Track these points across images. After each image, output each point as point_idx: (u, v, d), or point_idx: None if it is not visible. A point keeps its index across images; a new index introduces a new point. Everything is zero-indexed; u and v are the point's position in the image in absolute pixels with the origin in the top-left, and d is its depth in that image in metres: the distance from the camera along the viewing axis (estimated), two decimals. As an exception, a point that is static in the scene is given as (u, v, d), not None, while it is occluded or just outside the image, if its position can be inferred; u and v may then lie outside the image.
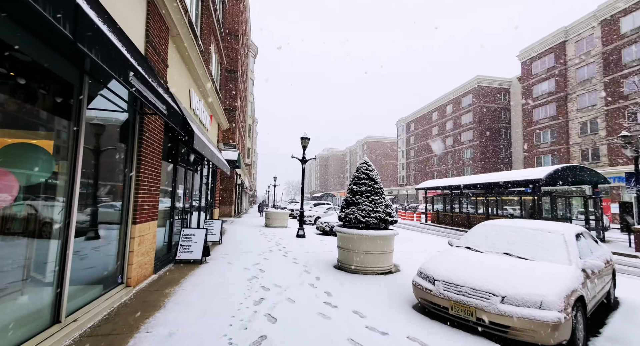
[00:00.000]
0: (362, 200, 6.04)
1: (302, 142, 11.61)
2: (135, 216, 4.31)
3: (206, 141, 7.27)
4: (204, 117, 8.82)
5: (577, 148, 29.96)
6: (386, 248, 5.79)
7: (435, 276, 3.67)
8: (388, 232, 5.76)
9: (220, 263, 6.18)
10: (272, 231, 13.05)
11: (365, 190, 6.13)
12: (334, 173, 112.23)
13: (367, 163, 6.48)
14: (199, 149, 5.92)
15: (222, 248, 8.05)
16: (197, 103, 8.01)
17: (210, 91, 9.15)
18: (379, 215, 5.88)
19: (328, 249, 8.71)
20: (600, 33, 28.07)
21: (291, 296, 4.20)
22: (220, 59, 12.27)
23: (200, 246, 6.15)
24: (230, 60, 20.54)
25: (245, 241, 9.69)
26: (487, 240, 4.39)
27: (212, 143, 10.29)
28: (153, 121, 4.84)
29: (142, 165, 4.42)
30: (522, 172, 14.94)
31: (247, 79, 32.87)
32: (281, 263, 6.55)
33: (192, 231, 6.27)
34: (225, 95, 20.24)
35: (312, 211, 20.22)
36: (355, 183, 6.33)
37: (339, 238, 6.18)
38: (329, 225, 13.21)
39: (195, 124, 6.81)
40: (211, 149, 7.39)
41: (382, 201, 6.07)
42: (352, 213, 5.97)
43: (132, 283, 4.25)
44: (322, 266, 6.34)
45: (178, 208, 6.96)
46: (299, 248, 8.76)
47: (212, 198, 11.84)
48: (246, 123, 33.00)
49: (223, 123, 12.81)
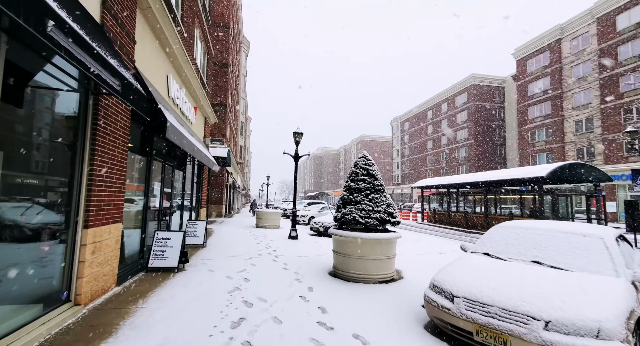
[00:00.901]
0: (360, 198, 5.35)
1: (295, 137, 10.88)
2: (87, 218, 3.54)
3: (187, 133, 6.51)
4: (186, 108, 8.03)
5: (572, 147, 29.83)
6: (388, 253, 5.12)
7: (454, 292, 3.00)
8: (390, 235, 5.08)
9: (199, 271, 5.43)
10: (263, 232, 12.30)
11: (364, 187, 5.44)
12: (328, 173, 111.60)
13: (366, 157, 5.79)
14: (176, 141, 5.16)
15: (206, 253, 7.29)
16: (178, 91, 7.22)
17: (194, 80, 8.35)
18: (380, 216, 5.20)
19: (322, 252, 8.02)
20: (595, 30, 27.91)
21: (278, 315, 3.48)
22: (207, 48, 11.45)
23: (176, 251, 5.39)
24: (221, 54, 19.66)
25: (233, 243, 8.93)
26: (509, 245, 3.73)
27: (197, 137, 9.50)
28: (115, 105, 4.07)
29: (97, 156, 3.65)
30: (523, 170, 14.45)
31: (239, 74, 31.95)
32: (270, 269, 5.82)
33: (168, 234, 5.50)
34: (215, 89, 19.38)
35: (306, 210, 19.50)
36: (353, 179, 5.63)
37: (335, 242, 5.48)
38: (324, 226, 12.51)
39: (172, 113, 6.04)
40: (193, 143, 6.63)
41: (384, 200, 5.39)
42: (350, 214, 5.27)
43: (83, 301, 3.48)
44: (315, 273, 5.63)
45: (154, 208, 6.19)
46: (290, 251, 8.04)
47: (199, 197, 11.04)
48: (238, 121, 32.08)
49: (210, 118, 12.00)
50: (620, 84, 25.79)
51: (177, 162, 8.01)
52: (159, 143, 6.28)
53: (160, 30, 5.69)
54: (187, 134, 6.36)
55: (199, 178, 11.17)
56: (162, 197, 6.49)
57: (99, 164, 3.70)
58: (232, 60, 23.02)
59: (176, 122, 5.83)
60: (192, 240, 7.90)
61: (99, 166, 3.72)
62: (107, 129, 3.85)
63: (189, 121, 8.59)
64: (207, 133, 12.06)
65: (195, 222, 8.12)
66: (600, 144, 27.19)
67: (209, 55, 11.82)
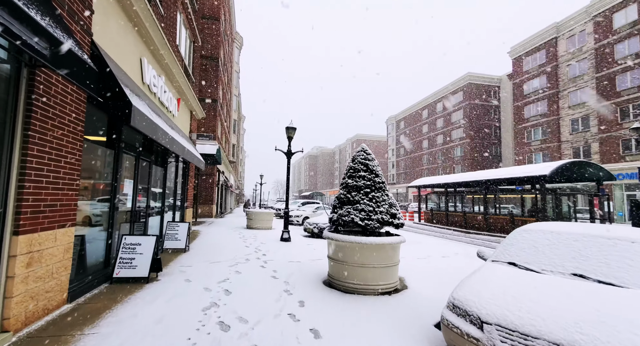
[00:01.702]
0: (359, 197, 4.69)
1: (288, 132, 10.18)
2: (19, 222, 2.81)
3: (164, 124, 5.78)
4: (166, 98, 7.28)
5: (568, 146, 29.65)
6: (391, 260, 4.47)
7: (483, 316, 2.35)
8: (394, 239, 4.43)
9: (174, 282, 4.71)
10: (253, 233, 11.58)
11: (363, 184, 4.77)
12: (323, 172, 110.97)
13: (366, 151, 5.13)
14: (147, 132, 4.45)
15: (187, 258, 6.55)
16: (155, 79, 6.47)
17: (176, 69, 7.60)
18: (381, 217, 4.54)
19: (316, 256, 7.35)
20: (592, 29, 27.74)
21: (260, 343, 2.80)
22: (193, 37, 10.68)
23: (147, 258, 4.66)
24: (211, 47, 18.85)
25: (219, 246, 8.21)
26: (540, 253, 3.11)
27: (181, 131, 8.74)
28: (63, 83, 3.33)
29: (33, 144, 2.92)
30: (524, 168, 13.97)
31: (232, 71, 31.09)
32: (257, 278, 5.12)
33: (137, 239, 4.76)
34: (205, 84, 18.56)
35: (300, 210, 18.81)
36: (350, 176, 4.97)
37: (330, 247, 4.81)
38: (318, 227, 11.84)
39: (145, 101, 5.30)
40: (172, 136, 5.91)
41: (385, 199, 4.74)
42: (348, 215, 4.61)
43: (13, 326, 2.75)
44: (308, 282, 4.96)
45: (126, 209, 5.44)
46: (281, 255, 7.35)
47: (184, 197, 10.28)
48: (231, 118, 31.22)
49: (197, 112, 11.23)
50: (617, 82, 25.63)
51: (157, 158, 7.26)
52: (131, 134, 5.53)
53: (130, 5, 4.94)
54: (163, 125, 5.63)
55: (185, 177, 10.40)
56: (135, 196, 5.74)
57: (36, 155, 2.97)
58: (223, 55, 22.21)
59: (149, 110, 5.11)
60: (172, 244, 7.16)
61: (37, 157, 2.98)
62: (49, 112, 3.12)
63: (170, 113, 7.84)
64: (194, 129, 11.29)
65: (176, 224, 7.37)
66: (597, 143, 27.04)
67: (195, 44, 11.05)
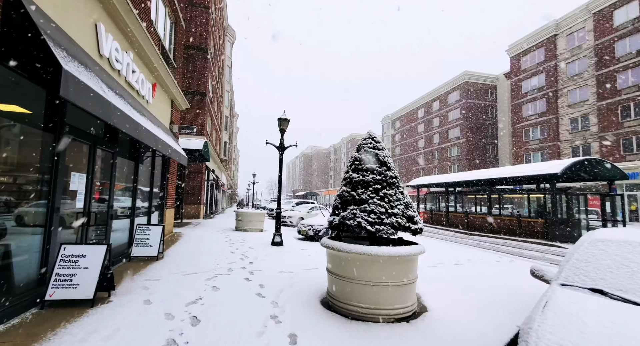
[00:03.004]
0: (368, 196, 3.69)
1: (280, 124, 9.15)
2: None
3: (125, 106, 4.71)
4: (135, 80, 6.18)
5: (567, 145, 29.18)
6: (408, 276, 3.49)
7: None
8: (412, 249, 3.45)
9: (129, 304, 3.64)
10: (241, 236, 10.51)
11: (372, 180, 3.78)
12: (317, 172, 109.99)
13: (374, 138, 4.14)
14: (94, 111, 3.39)
15: (157, 268, 5.48)
16: (119, 53, 5.38)
17: (150, 48, 6.51)
18: (396, 221, 3.55)
19: (312, 264, 6.33)
20: (592, 26, 27.29)
21: None
22: (174, 16, 9.56)
23: (93, 274, 3.59)
24: (200, 36, 17.69)
25: (200, 253, 7.14)
26: (637, 274, 2.15)
27: (157, 121, 7.65)
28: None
29: None
30: (532, 167, 13.17)
31: (224, 65, 29.89)
32: (238, 297, 4.09)
33: (81, 249, 3.69)
34: (193, 75, 17.40)
35: (294, 211, 17.78)
36: (356, 169, 3.96)
37: (331, 258, 3.80)
38: (313, 229, 10.83)
39: (99, 76, 4.23)
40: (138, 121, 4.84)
41: (400, 198, 3.75)
42: (353, 218, 3.60)
43: None
44: (302, 302, 3.94)
45: (74, 210, 4.36)
46: (272, 263, 6.32)
47: (164, 196, 9.17)
48: (222, 114, 30.00)
49: (180, 102, 10.11)
50: (618, 80, 25.18)
51: (125, 149, 6.17)
52: (82, 117, 4.45)
53: (76, -51, 3.87)
54: (126, 108, 4.56)
55: (164, 173, 9.29)
56: (89, 195, 4.66)
57: None
58: (213, 47, 21.05)
59: (102, 86, 4.04)
60: (142, 251, 6.07)
61: None
62: None
63: (142, 98, 6.74)
64: (176, 120, 10.17)
65: (147, 227, 6.27)
66: (597, 142, 26.58)
67: (178, 26, 9.93)
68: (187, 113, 16.97)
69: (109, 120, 3.77)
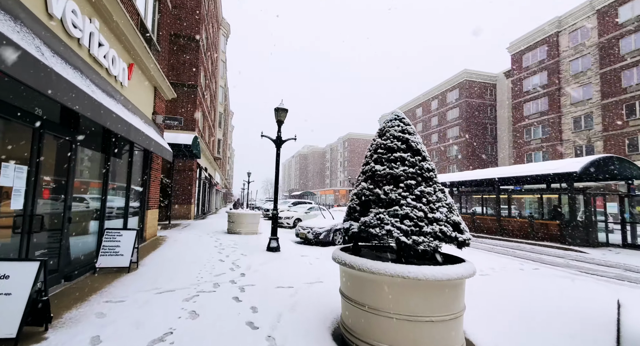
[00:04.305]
0: (399, 194, 2.71)
1: (277, 115, 8.15)
2: None
3: (83, 83, 3.69)
4: (102, 54, 5.13)
5: (570, 145, 28.60)
6: (455, 306, 2.52)
7: None
8: (463, 269, 2.48)
9: (69, 343, 2.62)
10: (234, 240, 9.47)
11: (404, 173, 2.80)
12: (314, 172, 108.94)
13: (402, 119, 3.17)
14: (25, 79, 2.37)
15: (125, 284, 4.44)
16: (77, 18, 4.32)
17: (122, 19, 5.45)
18: (440, 229, 2.58)
19: (315, 276, 5.35)
20: (596, 23, 26.71)
21: None
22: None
23: (18, 303, 2.56)
24: (190, 24, 16.59)
25: (182, 261, 6.10)
26: None
27: (135, 108, 6.59)
28: None
29: None
30: (548, 165, 12.36)
31: (218, 59, 28.72)
32: (222, 328, 3.08)
33: (2, 268, 2.66)
34: (183, 66, 16.29)
35: (291, 211, 16.78)
36: (379, 160, 2.98)
37: (348, 278, 2.82)
38: (313, 232, 9.85)
39: (38, 35, 3.19)
40: (102, 103, 3.82)
41: (442, 197, 2.79)
42: (380, 224, 2.61)
43: None
44: (308, 336, 2.95)
45: (11, 213, 3.32)
46: (267, 274, 5.32)
47: (145, 195, 8.11)
48: (216, 110, 28.83)
49: (165, 90, 9.04)
50: (623, 78, 24.62)
51: (90, 138, 5.12)
52: (20, 92, 3.41)
53: None
54: (78, 81, 3.54)
55: (145, 170, 8.23)
56: (32, 192, 3.62)
57: None
58: (206, 38, 19.93)
59: (42, 48, 3.02)
60: (110, 261, 5.02)
61: None
62: None
63: (114, 78, 5.68)
64: (160, 111, 9.10)
65: (117, 232, 5.22)
66: (601, 142, 26.01)
67: (161, 4, 8.85)
68: (177, 107, 15.86)
69: (55, 96, 2.77)
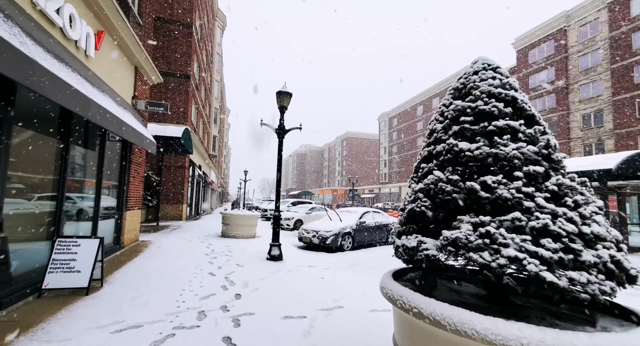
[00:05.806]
0: (517, 191, 1.51)
1: (279, 100, 6.93)
2: None
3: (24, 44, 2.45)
4: (54, 9, 3.88)
5: (579, 143, 27.69)
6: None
7: None
8: None
9: None
10: (228, 246, 8.23)
11: (520, 155, 1.59)
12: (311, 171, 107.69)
13: (496, 68, 1.96)
14: None
15: (75, 314, 3.20)
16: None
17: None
18: (610, 256, 1.37)
19: (331, 298, 4.13)
20: (607, 17, 25.78)
21: None
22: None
23: None
24: (182, 9, 15.30)
25: (161, 277, 4.86)
26: None
27: (106, 86, 5.34)
28: None
29: None
30: (578, 161, 11.27)
31: (213, 52, 27.39)
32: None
33: None
34: (174, 53, 14.99)
35: (291, 212, 15.55)
36: (466, 131, 1.78)
37: (415, 334, 1.62)
38: (320, 236, 8.65)
39: None
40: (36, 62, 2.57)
41: (589, 199, 1.58)
42: (490, 245, 1.40)
43: None
44: None
45: None
46: (270, 295, 4.10)
47: (122, 194, 6.85)
48: (211, 106, 27.50)
49: (148, 72, 7.78)
50: (635, 74, 23.71)
51: (36, 119, 3.87)
52: None
53: None
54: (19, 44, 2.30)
55: (124, 163, 6.97)
56: None
57: None
58: (200, 26, 18.63)
59: None
60: (62, 280, 3.77)
61: None
62: None
63: (73, 43, 4.43)
64: (142, 95, 7.83)
65: (73, 241, 3.97)
66: (612, 140, 25.09)
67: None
68: (167, 98, 14.56)
69: None
